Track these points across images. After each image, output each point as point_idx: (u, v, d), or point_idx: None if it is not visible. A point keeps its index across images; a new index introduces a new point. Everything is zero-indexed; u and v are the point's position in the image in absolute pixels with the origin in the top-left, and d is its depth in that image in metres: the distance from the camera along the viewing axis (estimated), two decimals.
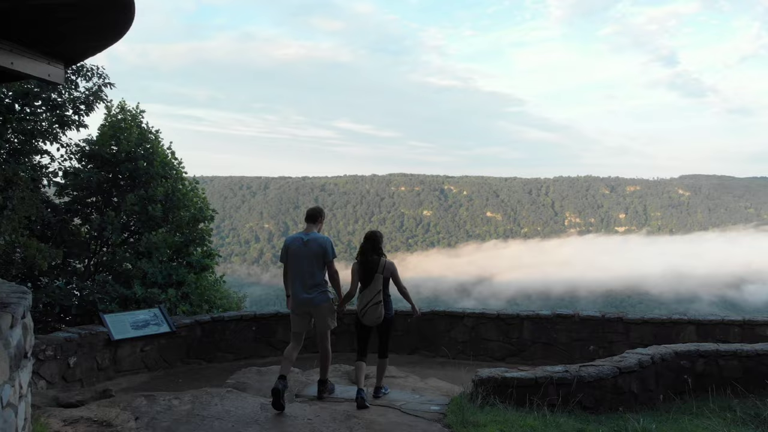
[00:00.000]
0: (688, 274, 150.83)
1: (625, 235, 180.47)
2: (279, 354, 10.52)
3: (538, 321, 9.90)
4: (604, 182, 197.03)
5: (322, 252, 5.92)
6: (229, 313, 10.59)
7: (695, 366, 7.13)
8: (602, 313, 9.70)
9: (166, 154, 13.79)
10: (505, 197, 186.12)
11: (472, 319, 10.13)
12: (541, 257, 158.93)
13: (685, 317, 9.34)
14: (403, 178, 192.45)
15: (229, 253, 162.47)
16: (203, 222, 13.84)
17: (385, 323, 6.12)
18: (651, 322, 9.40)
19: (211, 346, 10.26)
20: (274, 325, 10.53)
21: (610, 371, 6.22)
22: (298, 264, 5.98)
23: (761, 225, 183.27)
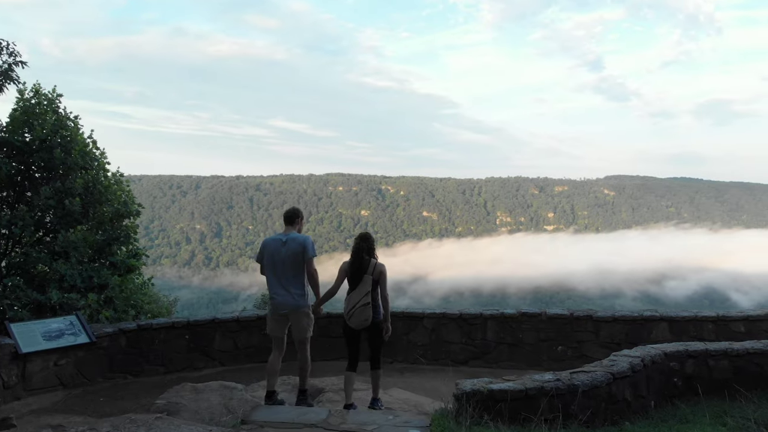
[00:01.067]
0: (612, 271, 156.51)
1: (554, 234, 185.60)
2: (217, 365, 9.32)
3: (503, 320, 9.14)
4: (533, 183, 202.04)
5: (301, 250, 5.69)
6: (158, 320, 9.26)
7: (684, 367, 6.52)
8: (570, 312, 9.05)
9: (87, 142, 12.24)
10: (440, 197, 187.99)
11: (433, 320, 9.27)
12: (473, 256, 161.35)
13: (657, 314, 8.80)
14: (341, 177, 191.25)
15: (158, 255, 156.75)
16: (128, 218, 12.37)
17: (374, 328, 5.80)
18: (622, 320, 8.81)
19: (138, 358, 8.94)
20: (211, 332, 9.30)
21: (604, 378, 5.47)
22: (275, 265, 5.72)
23: (681, 223, 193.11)
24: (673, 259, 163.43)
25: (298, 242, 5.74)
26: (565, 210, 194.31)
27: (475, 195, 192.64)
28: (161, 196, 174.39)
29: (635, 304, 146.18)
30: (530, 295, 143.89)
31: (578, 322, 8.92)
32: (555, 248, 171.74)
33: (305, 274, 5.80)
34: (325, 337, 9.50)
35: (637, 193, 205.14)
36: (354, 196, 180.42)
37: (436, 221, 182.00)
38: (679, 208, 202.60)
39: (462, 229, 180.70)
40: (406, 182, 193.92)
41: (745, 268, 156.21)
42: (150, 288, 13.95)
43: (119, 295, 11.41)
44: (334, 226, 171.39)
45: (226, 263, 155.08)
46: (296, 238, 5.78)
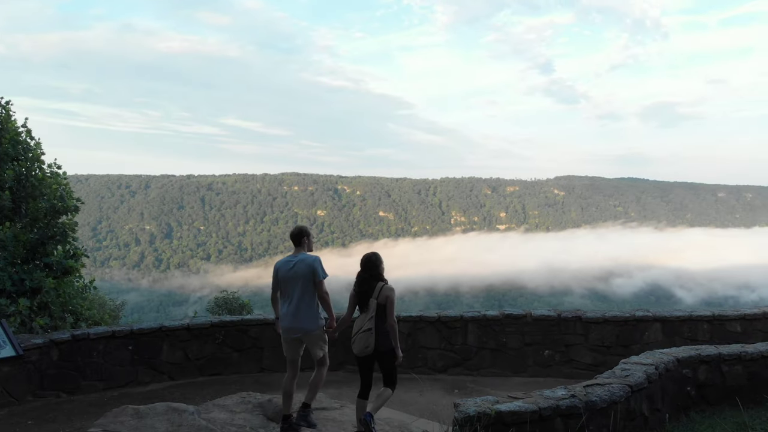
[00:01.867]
0: (561, 269, 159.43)
1: (506, 233, 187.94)
2: (165, 380, 8.22)
3: (485, 323, 8.35)
4: (486, 183, 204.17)
5: (311, 272, 5.47)
6: (96, 330, 8.07)
7: (697, 374, 5.85)
8: (558, 312, 8.33)
9: (19, 131, 10.95)
10: (396, 197, 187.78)
11: (409, 324, 8.40)
12: (427, 255, 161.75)
13: (650, 314, 8.16)
14: (296, 177, 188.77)
15: (107, 257, 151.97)
16: (65, 214, 11.11)
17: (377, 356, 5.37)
18: (613, 321, 8.14)
19: (73, 373, 7.78)
20: (158, 342, 8.20)
21: (622, 391, 4.72)
22: (287, 288, 5.57)
23: (628, 222, 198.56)
24: (620, 257, 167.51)
25: (306, 264, 5.49)
26: (517, 210, 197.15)
27: (431, 195, 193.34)
28: (109, 197, 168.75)
29: (583, 302, 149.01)
30: (483, 293, 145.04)
31: (566, 324, 8.21)
32: (506, 247, 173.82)
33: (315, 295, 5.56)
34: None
35: (586, 193, 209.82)
36: (310, 195, 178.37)
37: (393, 221, 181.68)
38: (626, 207, 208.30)
39: (418, 228, 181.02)
40: (362, 182, 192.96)
41: (689, 265, 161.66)
42: (91, 292, 12.66)
43: (55, 300, 10.21)
44: (289, 226, 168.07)
45: (177, 265, 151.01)
46: (305, 260, 5.53)
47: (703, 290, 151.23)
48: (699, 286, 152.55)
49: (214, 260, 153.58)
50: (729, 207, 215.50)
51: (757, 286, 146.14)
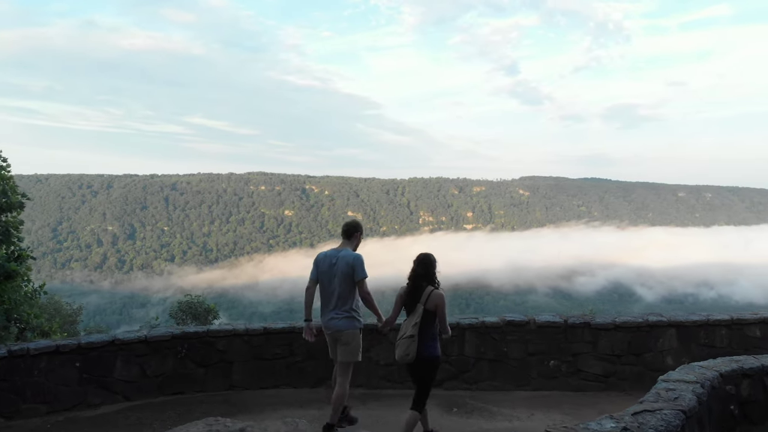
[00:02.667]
0: (525, 268, 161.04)
1: (472, 233, 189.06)
2: (119, 400, 7.11)
3: (484, 331, 7.48)
4: (453, 183, 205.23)
5: (350, 271, 5.34)
6: (37, 344, 6.90)
7: (740, 390, 5.07)
8: (564, 318, 7.51)
9: None
10: (365, 197, 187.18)
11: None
12: (394, 255, 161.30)
13: (664, 319, 7.40)
14: (263, 176, 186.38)
15: (67, 258, 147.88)
16: (9, 212, 9.90)
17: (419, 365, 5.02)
18: (624, 328, 7.35)
19: (11, 395, 6.65)
20: (110, 357, 7.10)
21: (677, 419, 3.87)
22: (325, 284, 5.45)
23: (591, 221, 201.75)
24: (583, 255, 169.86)
25: (347, 262, 5.36)
26: (483, 209, 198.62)
27: (399, 195, 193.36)
28: (70, 197, 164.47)
29: (547, 300, 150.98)
30: (449, 293, 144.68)
31: (573, 331, 7.39)
32: (472, 247, 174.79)
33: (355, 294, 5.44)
34: (259, 360, 7.55)
35: (550, 193, 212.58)
36: (277, 195, 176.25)
37: (361, 221, 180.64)
38: (590, 207, 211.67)
39: (386, 228, 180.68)
40: (330, 182, 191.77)
41: (650, 263, 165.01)
42: (41, 298, 11.46)
43: None
44: (256, 226, 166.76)
45: (141, 266, 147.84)
46: (346, 257, 5.38)
47: (663, 288, 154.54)
48: (659, 284, 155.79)
49: (178, 261, 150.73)
50: (689, 206, 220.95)
51: (715, 284, 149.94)
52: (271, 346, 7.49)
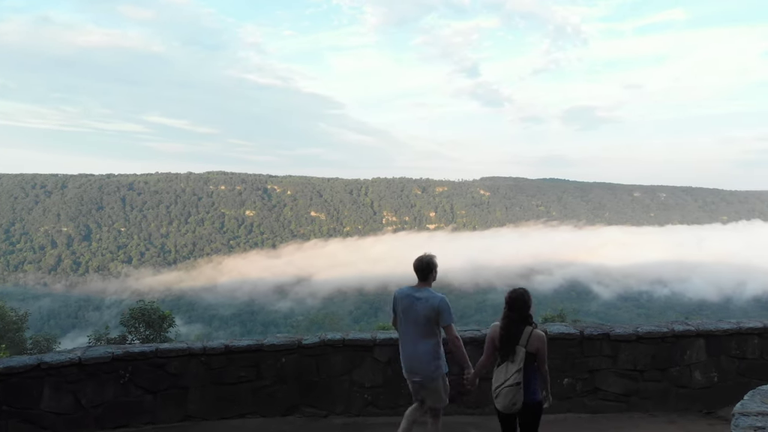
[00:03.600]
0: (485, 267, 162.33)
1: (434, 232, 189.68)
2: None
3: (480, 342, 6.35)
4: (416, 183, 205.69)
5: (434, 315, 4.94)
6: None
7: None
8: (580, 329, 6.43)
9: None
10: (328, 197, 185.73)
11: (388, 349, 6.28)
12: (357, 255, 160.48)
13: (692, 328, 6.39)
14: (223, 176, 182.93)
15: (20, 260, 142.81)
16: None
17: (527, 412, 4.58)
18: (647, 339, 6.31)
19: None
20: (36, 385, 5.72)
21: None
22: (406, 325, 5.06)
23: (550, 221, 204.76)
24: (541, 254, 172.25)
25: (431, 305, 4.92)
26: (446, 210, 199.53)
27: (362, 195, 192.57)
28: (23, 197, 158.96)
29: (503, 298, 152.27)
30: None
31: (590, 344, 6.33)
32: (434, 246, 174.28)
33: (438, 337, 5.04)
34: (219, 385, 6.27)
35: (510, 193, 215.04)
36: (238, 195, 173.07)
37: (324, 221, 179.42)
38: (548, 207, 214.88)
39: (350, 228, 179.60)
40: (293, 182, 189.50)
41: (607, 262, 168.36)
42: None
43: None
44: (216, 227, 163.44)
45: (97, 268, 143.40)
46: (430, 300, 4.95)
47: (619, 286, 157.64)
48: (615, 281, 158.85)
49: (135, 263, 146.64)
50: (644, 206, 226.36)
51: (668, 282, 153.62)
52: (234, 368, 6.21)
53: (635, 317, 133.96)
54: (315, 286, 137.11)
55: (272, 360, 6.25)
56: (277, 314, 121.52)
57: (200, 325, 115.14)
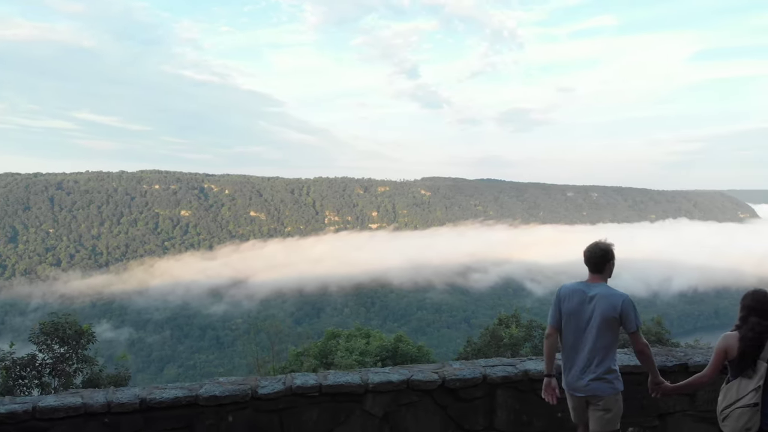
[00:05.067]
0: (424, 265, 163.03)
1: (376, 232, 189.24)
2: None
3: (524, 387, 4.50)
4: (358, 183, 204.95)
5: (616, 316, 3.94)
6: None
7: None
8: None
9: None
10: (268, 196, 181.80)
11: (385, 397, 4.29)
12: (296, 256, 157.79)
13: None
14: (158, 175, 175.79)
15: None
16: None
17: None
18: None
19: None
20: None
21: None
22: (574, 329, 4.05)
23: (486, 220, 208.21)
24: (477, 252, 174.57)
25: (611, 303, 3.92)
26: (388, 209, 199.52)
27: (304, 194, 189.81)
28: None
29: (443, 297, 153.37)
30: (351, 293, 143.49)
31: (664, 377, 4.59)
32: (375, 246, 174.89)
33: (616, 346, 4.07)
34: None
35: (450, 193, 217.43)
36: (173, 195, 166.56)
37: (265, 221, 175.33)
38: (486, 206, 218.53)
39: (291, 228, 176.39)
40: (231, 180, 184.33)
41: (540, 259, 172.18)
42: None
43: None
44: (150, 227, 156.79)
45: (23, 271, 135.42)
46: (609, 297, 3.95)
47: (551, 283, 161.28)
48: (548, 279, 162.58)
49: (65, 266, 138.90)
50: (577, 205, 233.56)
51: None
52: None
53: None
54: (252, 288, 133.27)
55: (213, 418, 4.15)
56: (212, 318, 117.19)
57: (131, 329, 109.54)
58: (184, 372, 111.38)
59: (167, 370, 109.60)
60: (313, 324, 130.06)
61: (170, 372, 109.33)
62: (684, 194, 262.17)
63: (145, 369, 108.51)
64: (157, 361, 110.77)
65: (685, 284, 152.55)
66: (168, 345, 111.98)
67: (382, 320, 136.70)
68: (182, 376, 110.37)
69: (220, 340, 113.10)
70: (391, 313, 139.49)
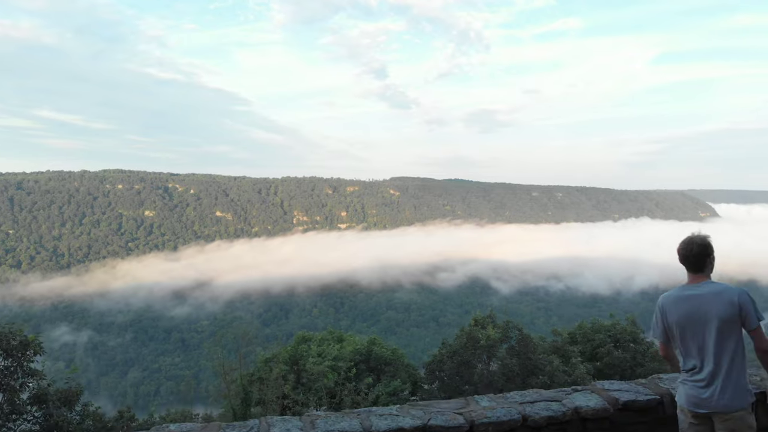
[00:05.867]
0: (393, 265, 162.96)
1: (345, 232, 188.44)
2: None
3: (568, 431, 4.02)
4: (327, 183, 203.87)
5: (736, 314, 3.45)
6: None
7: None
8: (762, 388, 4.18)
9: None
10: (234, 196, 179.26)
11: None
12: (263, 256, 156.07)
13: None
14: (121, 174, 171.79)
15: None
16: None
17: None
18: None
19: None
20: None
21: None
22: (690, 339, 3.60)
23: (454, 219, 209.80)
24: (445, 252, 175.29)
25: (726, 301, 3.45)
26: (357, 209, 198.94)
27: (272, 194, 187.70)
28: None
29: (412, 296, 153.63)
30: (318, 293, 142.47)
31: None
32: (343, 246, 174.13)
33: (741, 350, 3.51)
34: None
35: (419, 193, 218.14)
36: (137, 195, 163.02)
37: (231, 221, 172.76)
38: (454, 206, 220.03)
39: (258, 229, 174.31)
40: (196, 180, 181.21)
41: (506, 258, 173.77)
42: None
43: None
44: (113, 228, 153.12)
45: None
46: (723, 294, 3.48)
47: (517, 281, 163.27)
48: (513, 277, 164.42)
49: (25, 267, 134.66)
50: (541, 205, 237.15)
51: (563, 276, 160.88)
52: None
53: (535, 311, 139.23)
54: (217, 290, 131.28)
55: None
56: (175, 320, 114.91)
57: (92, 332, 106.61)
58: (149, 375, 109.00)
59: (131, 374, 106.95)
60: (282, 325, 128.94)
61: (134, 375, 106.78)
62: (646, 194, 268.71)
63: (108, 372, 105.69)
64: (121, 365, 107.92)
65: (647, 282, 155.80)
66: (132, 348, 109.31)
67: (352, 320, 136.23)
68: (147, 379, 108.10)
69: (186, 342, 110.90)
70: (361, 314, 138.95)
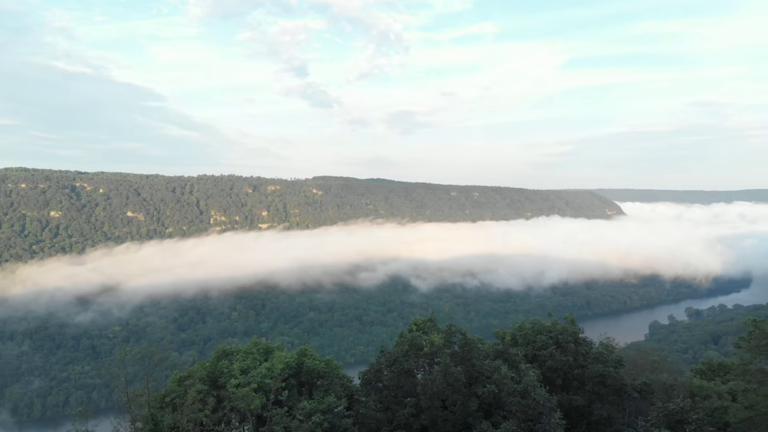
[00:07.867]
0: (313, 265, 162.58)
1: (265, 232, 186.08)
2: None
3: None
4: (247, 181, 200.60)
5: None
6: None
7: None
8: None
9: None
10: (147, 195, 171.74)
11: None
12: (175, 259, 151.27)
13: None
14: (24, 173, 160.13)
15: None
16: None
17: None
18: None
19: None
20: None
21: None
22: None
23: (376, 219, 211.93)
24: (366, 251, 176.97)
25: None
26: (279, 208, 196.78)
27: (187, 193, 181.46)
28: None
29: (333, 296, 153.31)
30: (232, 297, 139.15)
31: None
32: (261, 246, 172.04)
33: None
34: None
35: (342, 192, 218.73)
36: (41, 194, 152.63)
37: (143, 222, 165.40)
38: (377, 205, 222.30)
39: (172, 229, 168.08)
40: (106, 179, 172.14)
41: (425, 256, 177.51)
42: None
43: None
44: (16, 230, 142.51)
45: None
46: None
47: (435, 279, 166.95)
48: (432, 275, 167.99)
49: None
50: (460, 204, 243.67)
51: (478, 273, 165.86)
52: None
53: (454, 307, 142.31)
54: (124, 295, 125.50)
55: None
56: (82, 327, 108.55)
57: None
58: (57, 385, 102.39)
59: (37, 384, 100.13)
60: (199, 330, 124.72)
61: (40, 385, 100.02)
62: (557, 193, 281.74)
63: (11, 383, 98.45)
64: (26, 374, 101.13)
65: (557, 277, 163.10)
66: (38, 357, 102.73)
67: (273, 323, 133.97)
68: (55, 389, 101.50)
69: (97, 349, 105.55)
70: (282, 315, 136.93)
